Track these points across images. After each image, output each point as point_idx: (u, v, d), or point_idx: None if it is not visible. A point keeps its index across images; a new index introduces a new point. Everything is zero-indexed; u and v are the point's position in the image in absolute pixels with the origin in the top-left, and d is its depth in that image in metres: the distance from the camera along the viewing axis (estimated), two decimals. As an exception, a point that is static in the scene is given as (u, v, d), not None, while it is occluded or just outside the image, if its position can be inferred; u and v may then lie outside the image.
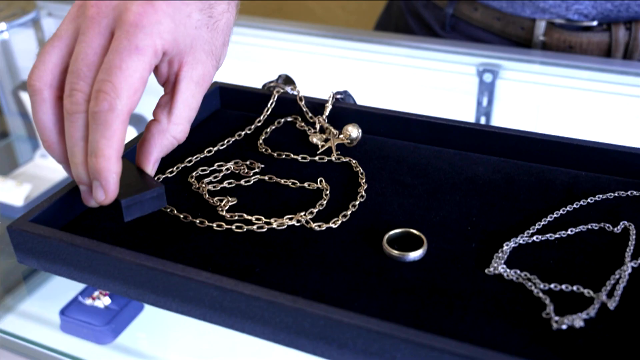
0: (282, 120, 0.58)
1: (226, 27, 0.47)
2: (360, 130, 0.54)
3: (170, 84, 0.44)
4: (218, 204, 0.47)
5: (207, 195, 0.48)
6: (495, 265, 0.42)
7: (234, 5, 0.48)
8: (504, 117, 0.75)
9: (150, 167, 0.45)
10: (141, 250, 0.41)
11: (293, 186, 0.50)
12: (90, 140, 0.40)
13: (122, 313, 0.58)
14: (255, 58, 0.79)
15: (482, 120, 0.76)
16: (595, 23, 0.74)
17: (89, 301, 0.56)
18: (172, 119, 0.44)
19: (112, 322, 0.56)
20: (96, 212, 0.47)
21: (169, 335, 0.58)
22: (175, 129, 0.44)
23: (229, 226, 0.45)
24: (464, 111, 0.76)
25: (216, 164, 0.52)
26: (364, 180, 0.50)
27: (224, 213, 0.46)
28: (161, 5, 0.41)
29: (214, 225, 0.45)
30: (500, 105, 0.74)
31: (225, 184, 0.50)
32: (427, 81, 0.77)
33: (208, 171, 0.52)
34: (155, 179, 0.43)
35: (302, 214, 0.46)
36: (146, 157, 0.44)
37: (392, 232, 0.44)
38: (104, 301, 0.57)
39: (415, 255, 0.42)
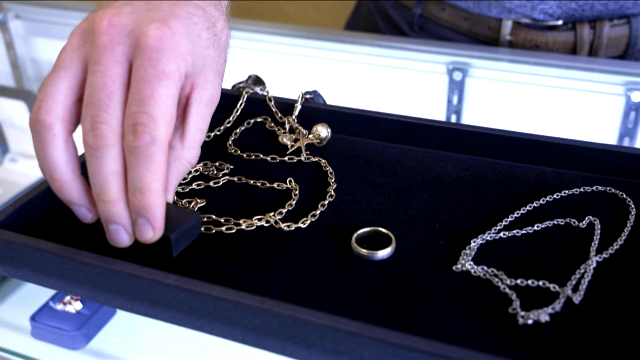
0: (252, 120, 0.58)
1: (226, 44, 0.46)
2: (329, 130, 0.54)
3: (180, 107, 0.42)
4: (187, 206, 0.47)
5: (175, 198, 0.48)
6: (463, 262, 0.42)
7: (227, 21, 0.47)
8: (474, 115, 0.76)
9: (171, 196, 0.43)
10: (109, 254, 0.41)
11: (262, 187, 0.50)
12: (133, 177, 0.38)
13: (94, 318, 0.57)
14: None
15: (453, 118, 0.76)
16: (560, 22, 0.75)
17: (60, 306, 0.56)
18: (186, 144, 0.42)
19: (84, 327, 0.55)
20: (64, 216, 0.47)
21: (142, 339, 0.57)
22: (190, 153, 0.42)
23: (197, 228, 0.45)
24: (435, 109, 0.77)
25: (185, 166, 0.52)
26: (333, 180, 0.50)
27: (192, 215, 0.46)
28: (177, 26, 0.39)
29: (183, 227, 0.45)
30: (470, 103, 0.75)
31: (194, 186, 0.50)
32: (398, 80, 0.78)
33: (176, 173, 0.51)
34: (187, 210, 0.42)
35: (271, 214, 0.46)
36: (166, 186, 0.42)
37: (360, 231, 0.44)
38: (75, 306, 0.56)
39: (383, 253, 0.42)
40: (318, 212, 0.47)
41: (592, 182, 0.50)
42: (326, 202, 0.48)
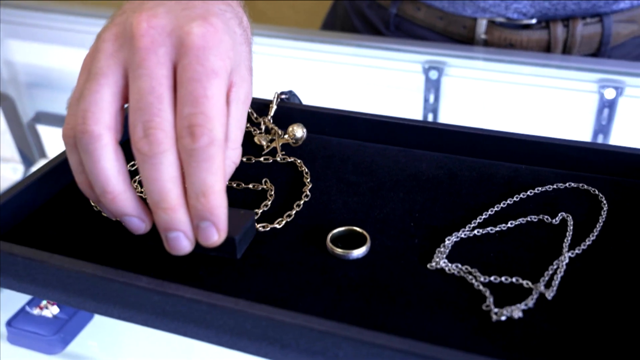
0: (227, 121, 0.58)
1: (251, 40, 0.45)
2: (305, 130, 0.54)
3: None
4: (161, 207, 0.47)
5: (149, 200, 0.48)
6: (437, 260, 0.42)
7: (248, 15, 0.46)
8: (451, 113, 0.76)
9: None
10: (83, 257, 0.41)
11: (238, 187, 0.50)
12: (193, 182, 0.36)
13: (71, 322, 0.56)
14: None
15: (430, 117, 0.77)
16: (534, 21, 0.76)
17: (36, 311, 0.55)
18: (230, 144, 0.41)
19: (61, 332, 0.55)
20: (37, 220, 0.47)
21: (121, 343, 0.57)
22: (234, 153, 0.41)
23: (171, 230, 0.45)
24: (411, 108, 0.77)
25: (159, 168, 0.51)
26: (308, 180, 0.50)
27: (166, 217, 0.46)
28: (217, 23, 0.38)
29: (157, 229, 0.45)
30: (447, 101, 0.75)
31: (168, 188, 0.49)
32: (375, 80, 0.78)
33: (151, 175, 0.51)
34: (241, 210, 0.41)
35: (246, 215, 0.46)
36: None
37: (335, 231, 0.44)
38: (52, 310, 0.55)
39: (358, 253, 0.43)
40: (293, 212, 0.47)
41: (565, 179, 0.50)
42: (302, 202, 0.48)
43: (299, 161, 0.53)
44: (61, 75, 0.89)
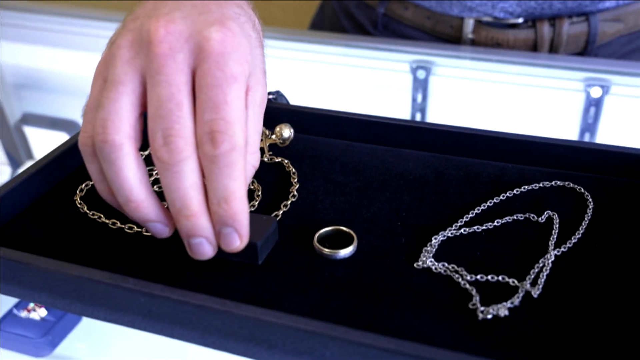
0: (214, 122, 0.58)
1: (263, 42, 0.44)
2: (292, 130, 0.54)
3: None
4: (147, 209, 0.47)
5: (136, 201, 0.48)
6: (424, 259, 0.42)
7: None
8: (439, 113, 0.76)
9: None
10: (69, 259, 0.40)
11: (224, 188, 0.50)
12: (215, 188, 0.36)
13: (59, 324, 0.56)
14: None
15: (418, 117, 0.77)
16: (520, 20, 0.76)
17: (24, 313, 0.55)
18: (248, 148, 0.40)
19: (49, 334, 0.54)
20: (23, 222, 0.46)
21: (110, 344, 0.57)
22: (253, 157, 0.41)
23: (158, 231, 0.44)
24: (399, 108, 0.77)
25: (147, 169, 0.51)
26: (296, 180, 0.50)
27: (153, 218, 0.46)
28: (234, 27, 0.38)
29: (143, 230, 0.45)
30: (435, 100, 0.76)
31: (155, 188, 0.49)
32: (363, 79, 0.78)
33: (138, 176, 0.51)
34: (264, 216, 0.41)
35: (233, 215, 0.46)
36: None
37: (322, 231, 0.44)
38: (40, 313, 0.55)
39: (345, 252, 0.43)
40: (280, 212, 0.47)
41: (551, 178, 0.51)
42: (289, 202, 0.48)
43: (286, 161, 0.53)
44: (48, 76, 0.88)
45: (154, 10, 0.39)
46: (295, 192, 0.49)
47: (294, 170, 0.51)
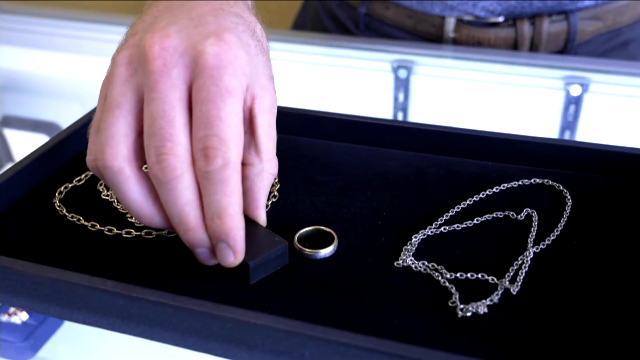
0: (195, 123, 0.57)
1: (267, 47, 0.44)
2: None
3: (246, 122, 0.40)
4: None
5: (116, 202, 0.47)
6: (404, 257, 0.43)
7: (261, 21, 0.45)
8: (421, 112, 0.77)
9: (263, 215, 0.42)
10: (48, 262, 0.40)
11: (205, 189, 0.50)
12: (209, 203, 0.37)
13: (40, 328, 0.56)
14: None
15: (400, 116, 0.77)
16: (501, 19, 0.77)
17: (4, 318, 0.54)
18: (263, 156, 0.41)
19: (31, 338, 0.54)
20: (1, 225, 0.46)
21: (92, 347, 0.56)
22: (270, 165, 0.41)
23: (138, 233, 0.44)
24: (382, 107, 0.77)
25: (126, 170, 0.51)
26: (276, 180, 0.50)
27: (133, 219, 0.46)
28: (231, 39, 0.38)
29: (123, 232, 0.44)
30: (416, 100, 0.76)
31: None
32: (345, 79, 0.78)
33: (117, 178, 0.51)
34: (276, 238, 0.41)
35: (213, 216, 0.46)
36: (256, 205, 0.41)
37: (302, 231, 0.44)
38: (21, 317, 0.55)
39: (325, 252, 0.43)
40: (261, 212, 0.47)
41: (530, 175, 0.51)
42: (269, 202, 0.48)
43: (267, 162, 0.52)
44: (28, 78, 0.88)
45: (151, 25, 0.39)
46: (275, 192, 0.49)
47: (274, 170, 0.51)
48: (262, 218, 0.42)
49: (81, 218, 0.46)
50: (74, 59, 0.84)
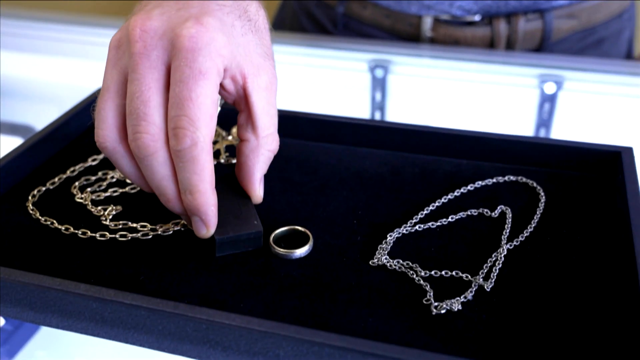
0: (171, 124, 0.57)
1: (265, 26, 0.45)
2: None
3: (242, 100, 0.42)
4: (102, 213, 0.46)
5: (90, 205, 0.47)
6: (379, 256, 0.43)
7: (260, 2, 0.46)
8: (398, 111, 0.77)
9: (257, 189, 0.43)
10: (21, 266, 0.40)
11: (180, 191, 0.49)
12: (181, 179, 0.39)
13: (17, 333, 0.55)
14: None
15: (377, 115, 0.77)
16: (477, 18, 0.77)
17: (-20, 323, 0.54)
18: (260, 132, 0.42)
19: (7, 343, 0.54)
20: (-28, 229, 0.45)
21: (70, 351, 0.56)
22: (267, 141, 0.42)
23: (112, 235, 0.44)
24: (359, 107, 0.78)
25: (100, 173, 0.51)
26: (252, 181, 0.50)
27: (107, 222, 0.45)
28: (210, 22, 0.39)
29: (97, 235, 0.44)
30: (394, 99, 0.76)
31: (109, 193, 0.49)
32: (323, 79, 0.78)
33: (92, 180, 0.50)
34: (255, 221, 0.43)
35: (189, 218, 0.46)
36: (249, 179, 0.43)
37: (278, 231, 0.44)
38: (-4, 322, 0.54)
39: (300, 252, 0.43)
40: (236, 213, 0.46)
41: (504, 172, 0.51)
42: (245, 203, 0.48)
43: (243, 162, 0.52)
44: (4, 80, 0.87)
45: (140, 8, 0.41)
46: (251, 193, 0.49)
47: (250, 171, 0.51)
48: (255, 193, 0.43)
49: (55, 221, 0.45)
50: (50, 61, 0.84)
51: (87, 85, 0.66)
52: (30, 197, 0.48)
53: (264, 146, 0.42)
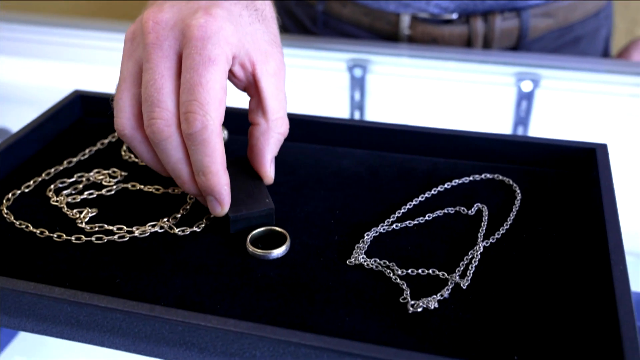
0: (148, 125, 0.57)
1: (271, 15, 0.47)
2: (226, 132, 0.54)
3: (252, 86, 0.45)
4: (77, 216, 0.46)
5: (65, 208, 0.47)
6: (356, 255, 0.43)
7: None
8: (377, 110, 0.77)
9: (268, 169, 0.46)
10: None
11: (157, 192, 0.49)
12: (194, 161, 0.41)
13: (-5, 338, 0.55)
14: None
15: (357, 115, 0.77)
16: (454, 16, 0.78)
17: (-43, 328, 0.53)
18: (269, 116, 0.44)
19: (-16, 349, 0.53)
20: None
21: (50, 356, 0.56)
22: (276, 124, 0.45)
23: (88, 238, 0.44)
24: (338, 106, 0.78)
25: (76, 175, 0.50)
26: (230, 182, 0.50)
27: (83, 225, 0.45)
28: (218, 12, 0.41)
29: (73, 238, 0.44)
30: (372, 98, 0.76)
31: (85, 195, 0.48)
32: (301, 78, 0.78)
33: (67, 183, 0.50)
34: (267, 199, 0.45)
35: (165, 220, 0.45)
36: (260, 161, 0.46)
37: (255, 232, 0.44)
38: (-27, 327, 0.54)
39: (278, 252, 0.43)
40: (212, 215, 0.46)
41: (481, 170, 0.52)
42: (222, 204, 0.47)
43: (220, 163, 0.52)
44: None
45: (152, 3, 0.44)
46: (229, 194, 0.49)
47: (228, 171, 0.51)
48: (266, 174, 0.46)
49: (29, 225, 0.45)
50: (26, 63, 0.83)
51: (64, 87, 0.66)
52: (4, 201, 0.48)
53: (274, 129, 0.45)
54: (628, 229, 0.47)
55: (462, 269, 0.42)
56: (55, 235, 0.44)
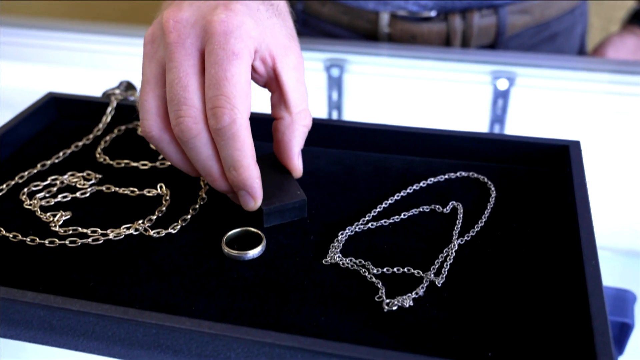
0: (123, 127, 0.57)
1: (286, 10, 0.47)
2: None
3: (272, 81, 0.44)
4: (51, 219, 0.46)
5: (39, 212, 0.46)
6: (332, 255, 0.43)
7: None
8: (355, 109, 0.77)
9: (296, 162, 0.45)
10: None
11: (132, 194, 0.49)
12: (224, 157, 0.41)
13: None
14: (97, 65, 0.77)
15: (334, 114, 0.77)
16: (433, 14, 0.78)
17: None
18: (292, 109, 0.44)
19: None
20: None
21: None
22: (300, 117, 0.45)
23: (62, 242, 0.43)
24: (316, 106, 0.78)
25: (50, 178, 0.50)
26: (205, 183, 0.50)
27: (57, 228, 0.45)
28: (238, 7, 0.41)
29: (46, 242, 0.43)
30: (350, 98, 0.76)
31: (59, 198, 0.48)
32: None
33: (41, 186, 0.49)
34: (298, 191, 0.45)
35: (140, 222, 0.45)
36: (288, 154, 0.45)
37: (230, 232, 0.44)
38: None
39: (253, 253, 0.43)
40: (189, 216, 0.46)
41: (456, 169, 0.52)
42: (197, 205, 0.47)
43: (196, 164, 0.52)
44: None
45: (168, 4, 0.44)
46: (204, 195, 0.48)
47: (204, 172, 0.51)
48: (295, 167, 0.46)
49: (2, 229, 0.45)
50: (8, 66, 0.82)
51: (38, 89, 0.65)
52: (-23, 205, 0.47)
53: (298, 122, 0.45)
54: (601, 225, 0.47)
55: (437, 266, 0.42)
56: (28, 239, 0.44)
